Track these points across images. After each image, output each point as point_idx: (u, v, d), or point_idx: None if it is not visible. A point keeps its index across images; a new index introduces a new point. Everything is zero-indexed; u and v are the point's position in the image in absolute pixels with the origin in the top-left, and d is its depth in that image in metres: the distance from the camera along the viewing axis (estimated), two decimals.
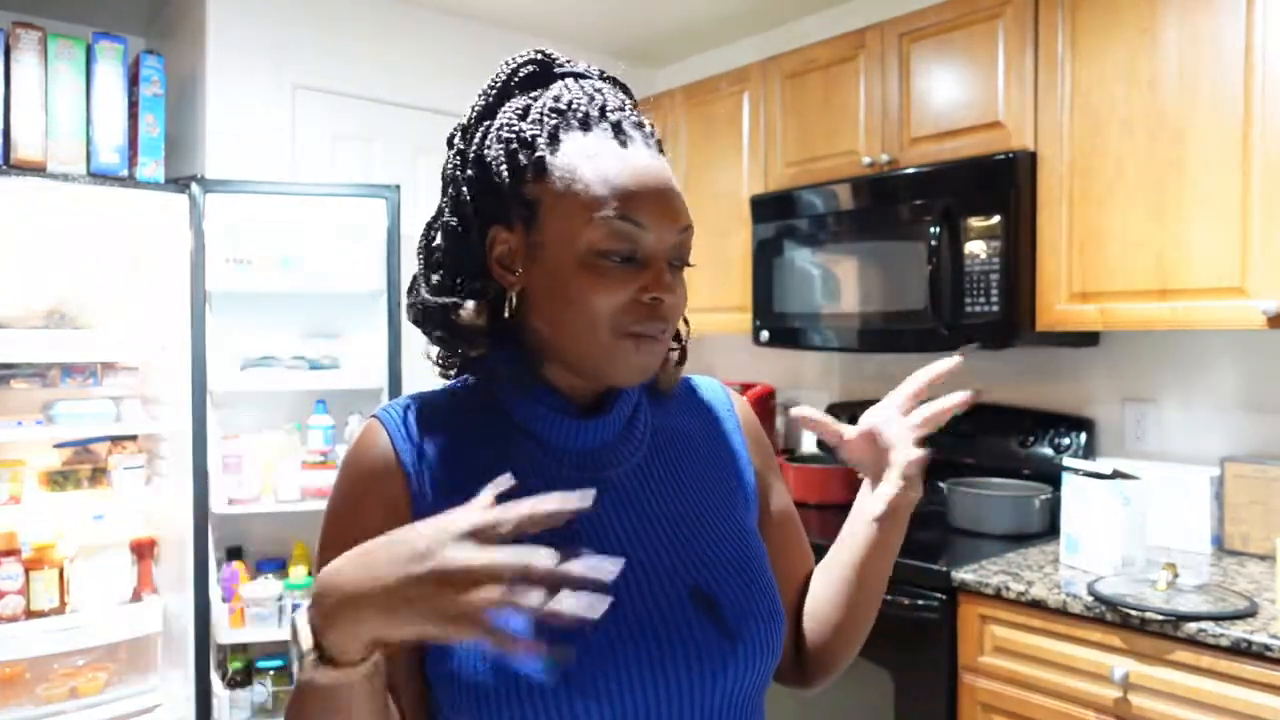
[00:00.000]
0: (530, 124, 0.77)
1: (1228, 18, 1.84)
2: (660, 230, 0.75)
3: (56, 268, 2.48)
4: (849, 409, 2.91)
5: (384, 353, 2.70)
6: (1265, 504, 2.03)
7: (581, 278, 0.74)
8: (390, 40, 3.02)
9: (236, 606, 2.48)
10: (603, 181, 0.74)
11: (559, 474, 0.78)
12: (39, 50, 2.28)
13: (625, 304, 0.74)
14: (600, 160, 0.75)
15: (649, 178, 0.75)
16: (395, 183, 2.76)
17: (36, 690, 2.35)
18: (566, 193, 0.75)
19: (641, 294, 0.74)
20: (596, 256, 0.74)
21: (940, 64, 2.34)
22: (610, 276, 0.74)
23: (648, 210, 0.74)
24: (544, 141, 0.76)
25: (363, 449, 0.78)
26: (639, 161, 0.76)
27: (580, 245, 0.74)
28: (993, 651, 1.91)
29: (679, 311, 0.79)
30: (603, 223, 0.73)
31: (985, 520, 2.29)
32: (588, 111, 0.77)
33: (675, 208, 0.76)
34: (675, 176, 0.79)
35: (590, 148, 0.75)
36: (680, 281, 0.78)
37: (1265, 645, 1.52)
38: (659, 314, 0.76)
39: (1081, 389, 2.43)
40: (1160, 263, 1.95)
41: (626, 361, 0.76)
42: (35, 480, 2.44)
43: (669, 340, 0.80)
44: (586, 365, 0.77)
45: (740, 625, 0.76)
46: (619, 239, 0.74)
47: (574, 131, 0.76)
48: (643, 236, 0.74)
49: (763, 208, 2.72)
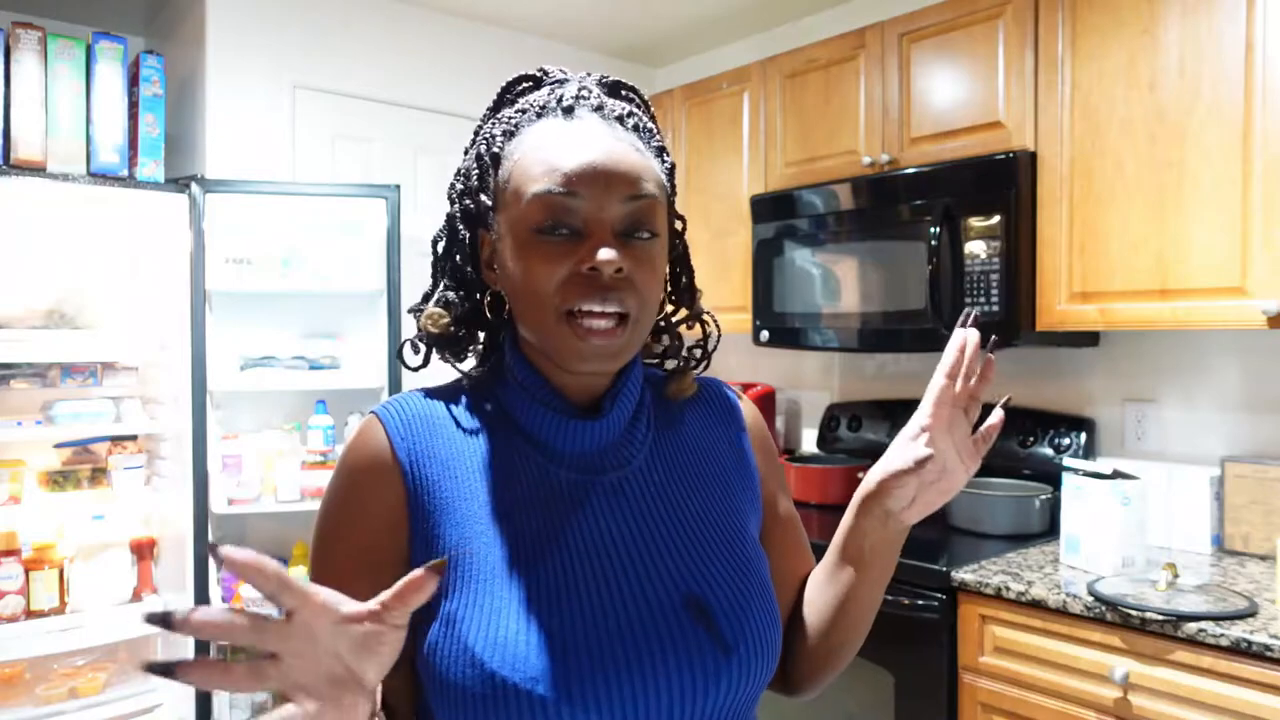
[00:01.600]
0: (495, 126, 0.79)
1: (1228, 18, 1.84)
2: (600, 198, 0.72)
3: (56, 268, 2.47)
4: (849, 409, 2.91)
5: (384, 353, 2.69)
6: (1265, 504, 2.03)
7: (523, 259, 0.73)
8: (390, 40, 3.02)
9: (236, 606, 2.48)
10: (539, 161, 0.74)
11: (555, 476, 0.77)
12: (39, 50, 2.28)
13: (564, 279, 0.72)
14: (543, 143, 0.75)
15: (586, 148, 0.73)
16: (395, 183, 2.76)
17: (36, 690, 2.35)
18: (510, 181, 0.75)
19: (580, 264, 0.71)
20: (534, 234, 0.72)
21: (940, 64, 2.35)
22: (547, 252, 0.72)
23: (584, 179, 0.72)
24: (501, 139, 0.78)
25: (360, 445, 0.78)
26: (579, 135, 0.74)
27: (520, 227, 0.74)
28: (993, 651, 1.91)
29: (636, 285, 0.73)
30: (535, 199, 0.72)
31: (985, 520, 2.29)
32: (545, 104, 0.77)
33: (618, 174, 0.73)
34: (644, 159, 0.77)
35: (537, 135, 0.76)
36: (639, 255, 0.74)
37: (1265, 645, 1.52)
38: (599, 285, 0.71)
39: (1081, 389, 2.43)
40: (1160, 263, 1.95)
41: (571, 344, 0.73)
42: (35, 480, 2.44)
43: (634, 324, 0.74)
44: (550, 353, 0.75)
45: (735, 637, 0.74)
46: (550, 210, 0.72)
47: (530, 125, 0.77)
48: (577, 205, 0.72)
49: (763, 207, 2.72)
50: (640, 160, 0.75)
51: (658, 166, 0.79)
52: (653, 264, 0.75)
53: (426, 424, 0.78)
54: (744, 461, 0.88)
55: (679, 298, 0.90)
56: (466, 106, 3.14)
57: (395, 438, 0.77)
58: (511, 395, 0.80)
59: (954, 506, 2.37)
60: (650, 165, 0.77)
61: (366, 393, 2.74)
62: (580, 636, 0.70)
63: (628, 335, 0.74)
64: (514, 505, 0.76)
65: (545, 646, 0.69)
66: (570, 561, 0.74)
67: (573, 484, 0.78)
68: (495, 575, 0.72)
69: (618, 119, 0.77)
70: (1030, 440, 2.45)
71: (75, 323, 2.45)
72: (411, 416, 0.79)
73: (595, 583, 0.73)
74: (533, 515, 0.75)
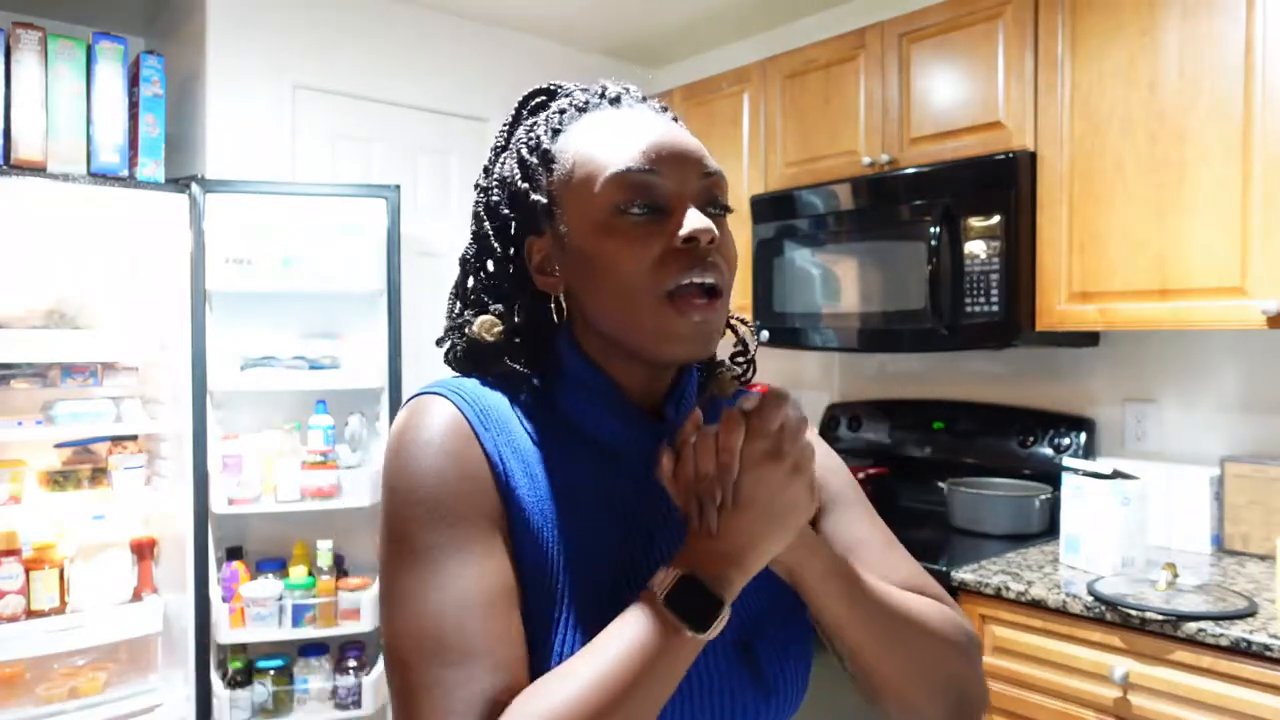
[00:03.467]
0: (533, 129, 0.77)
1: (1228, 19, 1.84)
2: (679, 175, 0.70)
3: (57, 268, 2.48)
4: (849, 409, 2.91)
5: (384, 353, 2.70)
6: (1265, 504, 2.03)
7: (607, 244, 0.69)
8: (390, 40, 3.02)
9: (236, 606, 2.48)
10: (607, 144, 0.71)
11: (615, 487, 0.74)
12: (39, 50, 2.28)
13: (659, 257, 0.68)
14: (601, 131, 0.73)
15: (654, 130, 0.72)
16: (395, 183, 2.76)
17: (36, 690, 2.35)
18: (574, 171, 0.72)
19: (673, 239, 0.68)
20: (615, 215, 0.69)
21: (940, 64, 2.35)
22: (635, 232, 0.69)
23: (659, 158, 0.70)
24: (547, 138, 0.75)
25: (438, 423, 0.69)
26: (641, 119, 0.73)
27: (597, 213, 0.70)
28: (993, 651, 1.91)
29: (728, 256, 0.72)
30: (613, 178, 0.69)
31: (985, 520, 2.29)
32: (586, 100, 0.76)
33: (691, 151, 0.72)
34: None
35: (591, 125, 0.74)
36: (720, 227, 0.72)
37: (1265, 645, 1.52)
38: (699, 256, 0.68)
39: (1081, 389, 2.43)
40: (1160, 262, 1.95)
41: (673, 326, 0.68)
42: (35, 480, 2.44)
43: (724, 300, 0.72)
44: (644, 345, 0.71)
45: (776, 678, 0.72)
46: (633, 189, 0.69)
47: (575, 121, 0.75)
48: (659, 183, 0.70)
49: (763, 208, 2.72)
50: (698, 141, 0.75)
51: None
52: (730, 237, 0.74)
53: (498, 413, 0.73)
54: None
55: None
56: (466, 106, 3.14)
57: (474, 422, 0.71)
58: (571, 397, 0.76)
59: (954, 506, 2.37)
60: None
61: (367, 393, 2.74)
62: None
63: (720, 311, 0.71)
64: (576, 516, 0.71)
65: None
66: (622, 581, 0.71)
67: (630, 495, 0.74)
68: (551, 589, 0.69)
69: (662, 108, 0.78)
70: (1030, 440, 2.45)
71: (76, 323, 2.45)
72: (485, 405, 0.72)
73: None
74: (591, 528, 0.72)
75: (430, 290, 2.80)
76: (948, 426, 2.62)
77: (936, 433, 2.64)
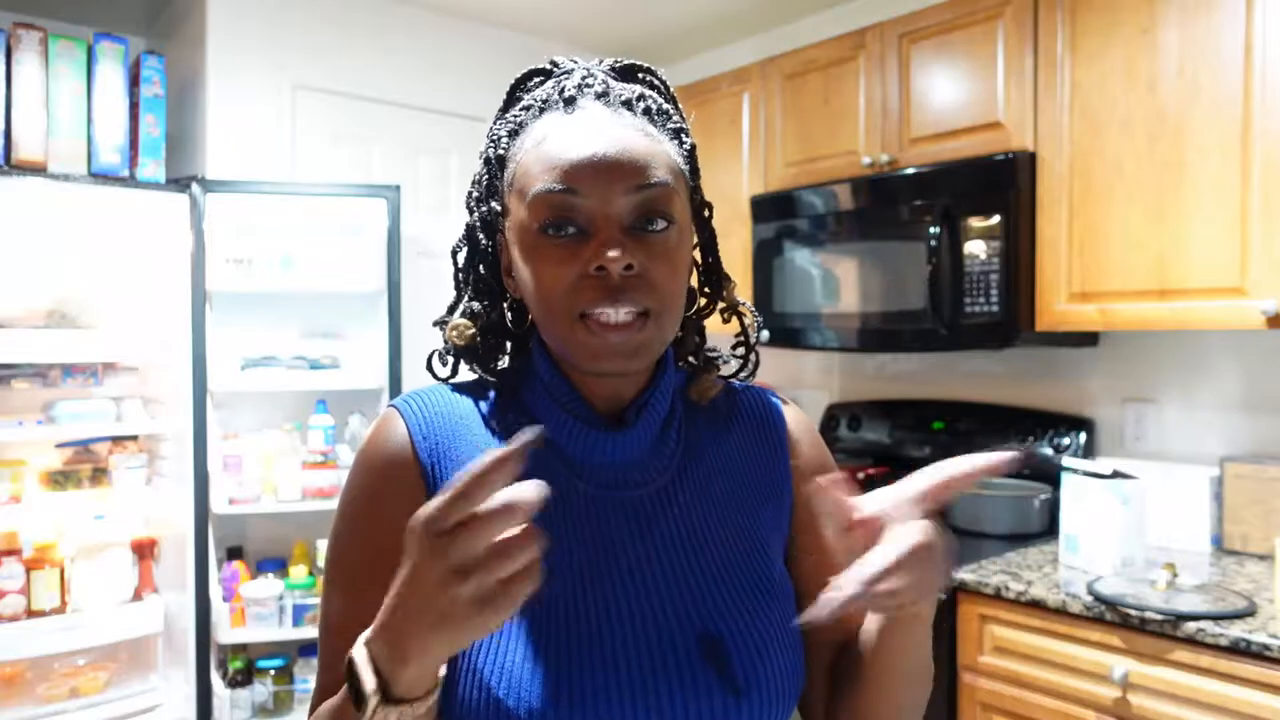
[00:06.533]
0: (501, 126, 0.76)
1: (1228, 18, 1.84)
2: (603, 193, 0.67)
3: (57, 268, 2.48)
4: (849, 409, 2.91)
5: (384, 353, 2.70)
6: (1265, 504, 2.03)
7: (531, 263, 0.70)
8: (390, 40, 3.02)
9: (237, 606, 2.49)
10: (539, 158, 0.70)
11: (575, 489, 0.73)
12: (40, 51, 2.29)
13: (574, 282, 0.67)
14: (543, 139, 0.71)
15: (586, 141, 0.68)
16: (395, 183, 2.77)
17: (37, 690, 2.35)
18: (514, 183, 0.72)
19: (588, 265, 0.67)
20: (537, 236, 0.69)
21: (940, 64, 2.35)
22: (555, 254, 0.68)
23: (583, 174, 0.67)
24: (506, 139, 0.74)
25: (379, 440, 0.74)
26: (579, 127, 0.70)
27: (524, 230, 0.70)
28: (992, 651, 1.91)
29: (652, 281, 0.68)
30: (536, 198, 0.68)
31: (985, 520, 2.29)
32: (548, 98, 0.74)
33: (621, 164, 0.68)
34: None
35: (539, 131, 0.72)
36: (653, 248, 0.68)
37: (1264, 645, 1.52)
38: (610, 287, 0.66)
39: (1081, 389, 2.43)
40: (1160, 263, 1.95)
41: (587, 344, 0.68)
42: (36, 480, 2.44)
43: (656, 318, 0.69)
44: (568, 357, 0.71)
45: (749, 681, 0.69)
46: (550, 209, 0.68)
47: (534, 122, 0.73)
48: (579, 203, 0.67)
49: (762, 208, 2.72)
50: (649, 145, 0.70)
51: (673, 149, 0.74)
52: (669, 256, 0.70)
53: (449, 421, 0.75)
54: (779, 481, 0.81)
55: (712, 288, 0.84)
56: (466, 106, 3.14)
57: (416, 435, 0.73)
58: (537, 400, 0.76)
59: (954, 506, 2.37)
60: (661, 149, 0.72)
61: (367, 393, 2.74)
62: (585, 667, 0.66)
63: (650, 330, 0.69)
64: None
65: (548, 676, 0.66)
66: (582, 584, 0.70)
67: (591, 499, 0.73)
68: None
69: (624, 104, 0.73)
70: (1030, 440, 2.45)
71: (76, 323, 2.45)
72: (434, 413, 0.75)
73: (606, 610, 0.69)
74: (549, 531, 0.70)
75: (430, 290, 2.79)
76: (947, 426, 2.62)
77: (936, 432, 2.65)
